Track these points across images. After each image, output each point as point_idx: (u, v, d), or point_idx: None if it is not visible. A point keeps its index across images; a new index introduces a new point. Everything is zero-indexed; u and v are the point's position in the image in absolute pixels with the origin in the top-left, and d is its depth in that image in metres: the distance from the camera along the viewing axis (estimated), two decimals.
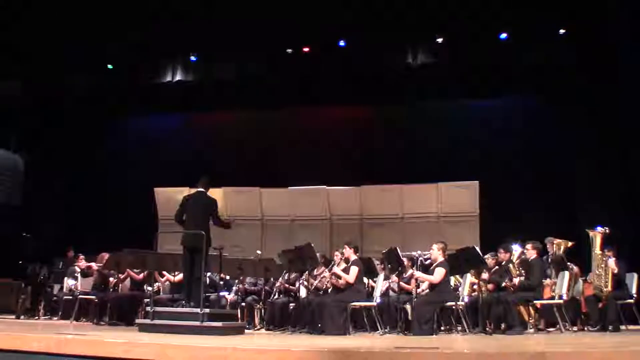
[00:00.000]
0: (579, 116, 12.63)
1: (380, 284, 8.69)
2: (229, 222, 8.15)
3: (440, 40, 12.88)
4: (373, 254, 10.22)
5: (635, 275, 8.81)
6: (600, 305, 8.34)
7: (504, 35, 12.60)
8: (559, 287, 8.25)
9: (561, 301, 8.01)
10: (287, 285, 9.32)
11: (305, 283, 8.99)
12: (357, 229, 13.62)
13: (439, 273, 7.83)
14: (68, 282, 10.80)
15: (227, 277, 10.17)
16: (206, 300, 7.61)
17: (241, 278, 9.57)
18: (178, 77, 14.25)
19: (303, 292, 9.05)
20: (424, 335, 7.27)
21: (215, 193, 9.48)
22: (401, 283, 8.59)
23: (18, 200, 14.55)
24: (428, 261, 8.57)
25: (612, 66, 11.94)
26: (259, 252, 10.84)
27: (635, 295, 8.63)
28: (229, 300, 9.81)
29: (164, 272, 9.91)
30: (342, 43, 13.28)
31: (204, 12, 12.43)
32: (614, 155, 12.00)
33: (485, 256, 8.59)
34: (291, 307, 9.00)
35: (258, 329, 8.97)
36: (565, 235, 9.35)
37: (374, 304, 8.36)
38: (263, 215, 14.07)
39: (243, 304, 9.65)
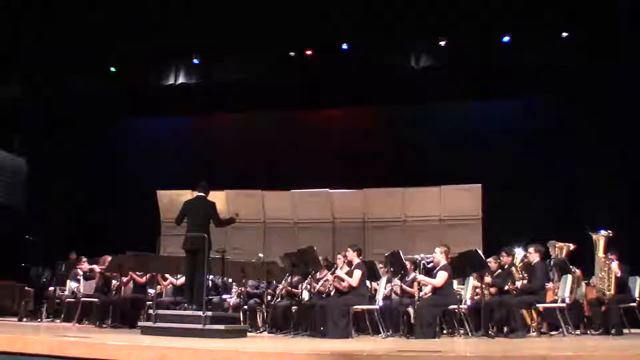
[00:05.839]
0: (581, 118, 12.63)
1: (383, 287, 8.69)
2: (231, 217, 8.20)
3: (443, 42, 12.87)
4: (376, 257, 10.21)
5: (638, 279, 8.79)
6: (603, 308, 8.33)
7: (506, 38, 12.58)
8: (562, 290, 8.24)
9: (564, 304, 8.00)
10: (289, 289, 9.31)
11: (308, 286, 8.98)
12: (360, 232, 13.59)
13: (442, 276, 7.82)
14: (70, 285, 10.82)
15: (230, 280, 10.17)
16: (208, 303, 7.62)
17: (243, 281, 9.57)
18: (181, 80, 14.26)
19: (306, 295, 9.04)
20: (427, 339, 7.27)
21: (217, 196, 9.49)
22: (404, 286, 8.58)
23: (21, 203, 14.59)
24: (431, 264, 8.56)
25: (613, 67, 11.93)
26: (260, 255, 10.83)
27: (638, 299, 8.62)
28: (231, 303, 9.81)
29: (167, 275, 9.92)
30: (344, 46, 13.27)
31: (207, 15, 12.45)
32: (617, 157, 11.97)
33: (488, 259, 8.58)
34: (294, 310, 8.99)
35: (260, 332, 8.96)
36: (568, 238, 9.33)
37: (377, 307, 8.35)
38: (265, 218, 14.05)
39: (245, 307, 9.66)
